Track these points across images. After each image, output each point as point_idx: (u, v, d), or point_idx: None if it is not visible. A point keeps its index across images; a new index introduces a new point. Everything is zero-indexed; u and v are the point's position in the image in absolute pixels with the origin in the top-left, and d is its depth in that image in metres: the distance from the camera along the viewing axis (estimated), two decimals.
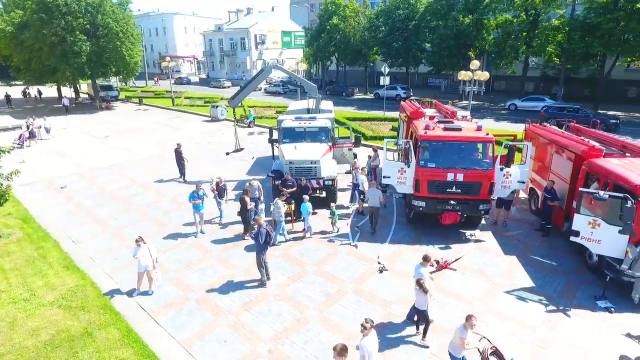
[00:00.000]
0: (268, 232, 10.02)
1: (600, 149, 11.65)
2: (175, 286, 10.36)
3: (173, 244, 12.54)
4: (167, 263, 11.38)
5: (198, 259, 11.70)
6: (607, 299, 9.36)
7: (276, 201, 12.56)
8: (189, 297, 9.92)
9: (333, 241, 12.54)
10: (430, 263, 8.79)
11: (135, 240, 9.69)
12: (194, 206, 12.84)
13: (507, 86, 45.39)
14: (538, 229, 12.91)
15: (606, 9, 31.22)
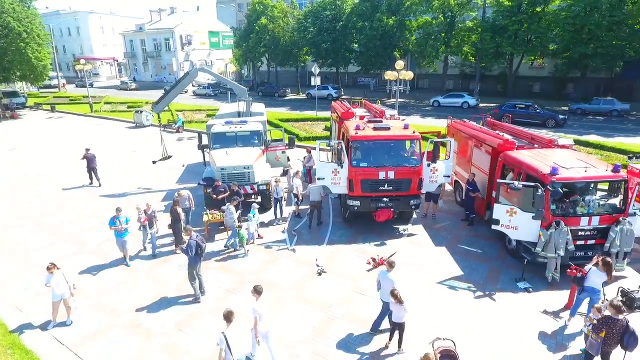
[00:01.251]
0: (198, 243, 9.52)
1: (513, 142, 12.61)
2: (99, 312, 9.48)
3: (95, 265, 11.49)
4: (88, 287, 10.39)
5: (124, 278, 10.83)
6: (526, 280, 10.18)
7: (228, 206, 12.10)
8: (116, 322, 9.12)
9: (271, 247, 12.31)
10: (392, 268, 8.25)
11: (47, 267, 8.67)
12: (116, 234, 11.09)
13: (430, 84, 48.04)
14: (463, 219, 13.73)
15: (511, 12, 34.33)
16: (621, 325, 6.71)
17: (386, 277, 8.12)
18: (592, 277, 8.39)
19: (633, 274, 10.53)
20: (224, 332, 6.53)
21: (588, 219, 10.13)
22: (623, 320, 6.74)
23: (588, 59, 31.90)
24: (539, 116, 28.26)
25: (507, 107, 29.89)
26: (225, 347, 6.42)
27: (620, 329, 6.72)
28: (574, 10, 31.72)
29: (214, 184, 13.37)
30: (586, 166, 10.54)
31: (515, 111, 28.79)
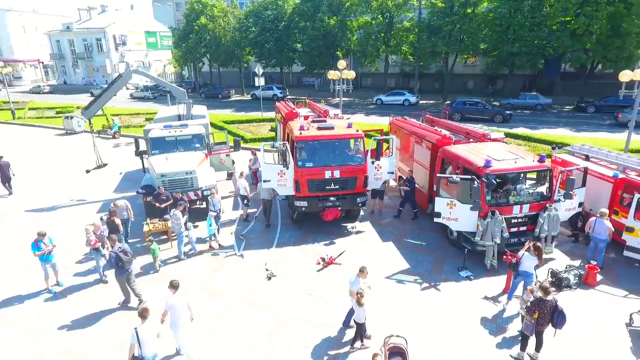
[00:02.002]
0: (119, 255, 9.05)
1: (450, 137, 13.21)
2: (22, 337, 8.63)
3: (12, 287, 10.45)
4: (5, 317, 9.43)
5: (50, 307, 9.95)
6: (467, 269, 10.70)
7: (174, 212, 11.56)
8: (47, 350, 8.35)
9: (218, 254, 11.92)
10: (365, 274, 8.30)
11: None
12: (41, 258, 9.96)
13: (372, 83, 49.25)
14: (396, 216, 14.05)
15: (445, 13, 36.01)
16: (551, 305, 7.24)
17: (352, 282, 8.23)
18: (525, 261, 8.97)
19: (560, 255, 11.42)
20: (136, 328, 6.67)
21: (519, 207, 10.83)
22: (552, 300, 7.27)
23: (514, 57, 34.26)
24: (488, 112, 30.07)
25: (458, 104, 31.38)
26: (136, 343, 6.59)
27: (551, 308, 7.24)
28: (499, 12, 33.92)
29: (157, 191, 12.71)
30: (516, 158, 11.29)
31: (465, 108, 30.47)
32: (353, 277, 8.35)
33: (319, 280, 10.52)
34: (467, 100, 31.97)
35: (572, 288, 9.90)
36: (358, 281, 8.23)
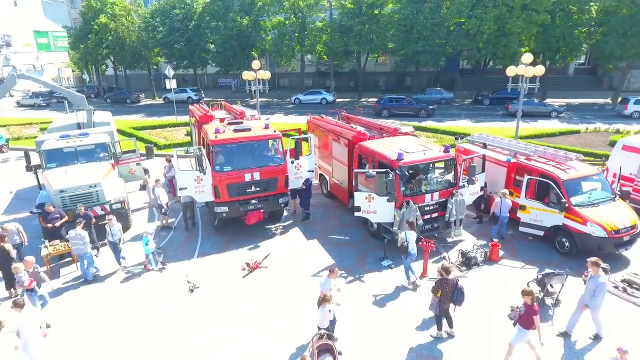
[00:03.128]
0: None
1: (365, 133, 13.69)
2: None
3: None
4: None
5: None
6: (388, 258, 11.19)
7: (76, 233, 10.31)
8: None
9: (132, 272, 11.03)
10: (335, 274, 8.20)
11: None
12: None
13: (290, 82, 49.50)
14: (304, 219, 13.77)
15: (354, 14, 37.35)
16: (452, 284, 7.90)
17: (322, 284, 8.07)
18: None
19: (468, 236, 12.45)
20: None
21: (431, 195, 11.60)
22: (453, 279, 7.92)
23: (419, 55, 36.69)
24: (413, 107, 31.88)
25: (385, 101, 32.88)
26: None
27: (452, 287, 7.89)
28: (403, 14, 36.11)
29: (45, 210, 11.36)
30: (424, 149, 12.05)
31: (392, 105, 32.06)
32: (323, 279, 8.17)
33: (246, 287, 10.25)
34: (394, 97, 33.77)
35: (480, 265, 10.85)
36: (329, 282, 8.06)
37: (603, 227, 10.52)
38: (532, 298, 7.21)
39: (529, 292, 7.25)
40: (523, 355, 7.63)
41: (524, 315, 7.22)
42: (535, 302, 7.32)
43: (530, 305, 7.18)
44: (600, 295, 7.86)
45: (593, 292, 7.86)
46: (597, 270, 7.86)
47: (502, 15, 32.10)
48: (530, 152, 12.93)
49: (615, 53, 30.92)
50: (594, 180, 11.78)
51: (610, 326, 8.39)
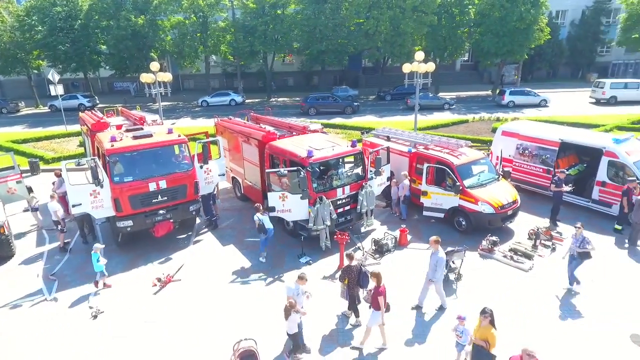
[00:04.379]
0: None
1: (274, 133, 13.65)
2: None
3: None
4: None
5: None
6: (306, 255, 11.33)
7: None
8: None
9: (21, 305, 9.65)
10: (304, 280, 7.91)
11: None
12: None
13: (195, 84, 47.50)
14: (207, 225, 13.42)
15: (257, 13, 37.05)
16: (356, 270, 8.34)
17: (290, 289, 7.85)
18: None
19: (379, 226, 13.12)
20: None
21: (342, 189, 11.98)
22: (357, 265, 8.40)
23: (324, 55, 37.75)
24: (339, 105, 32.73)
25: (311, 100, 33.25)
26: None
27: (357, 273, 8.32)
28: (306, 14, 36.81)
29: None
30: (333, 145, 12.41)
31: (318, 103, 32.69)
32: (292, 284, 7.91)
33: (157, 303, 9.59)
34: (320, 95, 34.41)
35: (391, 251, 11.52)
36: (298, 288, 7.83)
37: (491, 204, 11.85)
38: (379, 280, 7.67)
39: (376, 274, 7.74)
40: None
41: (374, 297, 7.65)
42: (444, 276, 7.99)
43: (377, 286, 7.64)
44: (440, 270, 8.59)
45: (435, 268, 8.57)
46: (437, 246, 8.59)
47: (396, 16, 34.39)
48: (428, 142, 14.05)
49: (491, 51, 35.08)
50: (482, 164, 13.22)
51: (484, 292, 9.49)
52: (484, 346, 6.51)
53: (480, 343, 6.55)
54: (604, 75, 43.52)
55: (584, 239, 9.21)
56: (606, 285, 9.72)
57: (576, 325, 8.48)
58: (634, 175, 12.18)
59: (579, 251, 9.24)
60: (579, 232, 9.30)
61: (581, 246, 9.18)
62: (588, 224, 12.55)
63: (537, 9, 33.72)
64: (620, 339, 8.07)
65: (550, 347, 7.85)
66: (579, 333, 8.25)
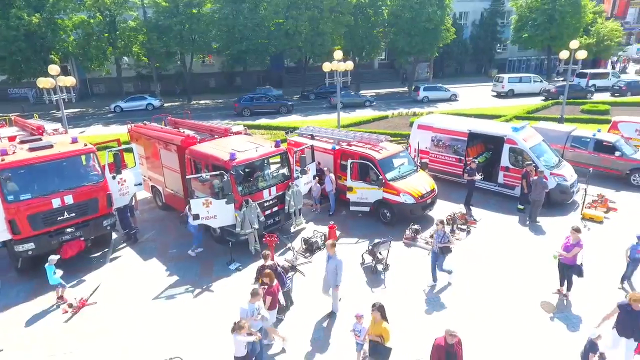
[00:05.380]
0: None
1: (194, 136, 13.04)
2: None
3: None
4: None
5: None
6: (235, 261, 10.98)
7: None
8: None
9: None
10: (258, 297, 7.20)
11: None
12: None
13: (107, 89, 43.91)
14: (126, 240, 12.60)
15: (171, 12, 35.19)
16: (272, 270, 8.20)
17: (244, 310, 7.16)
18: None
19: (310, 225, 13.16)
20: None
21: (268, 190, 11.82)
22: (272, 265, 8.29)
23: (244, 55, 37.02)
24: (274, 105, 32.22)
25: (245, 100, 32.34)
26: None
27: (273, 272, 8.13)
28: (223, 13, 35.80)
29: None
30: (256, 146, 12.17)
31: (252, 103, 31.99)
32: (245, 304, 7.16)
33: (69, 331, 8.65)
34: (254, 96, 33.50)
35: (321, 248, 11.61)
36: (252, 308, 7.09)
37: (412, 194, 12.46)
38: (270, 279, 7.57)
39: (267, 274, 7.65)
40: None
41: (264, 296, 7.49)
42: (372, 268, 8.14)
43: (269, 286, 7.59)
44: (340, 273, 8.35)
45: (335, 272, 8.27)
46: (333, 250, 8.42)
47: (315, 17, 34.82)
48: (350, 139, 14.41)
49: (405, 49, 37.03)
50: (401, 157, 13.86)
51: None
52: (379, 341, 6.56)
53: (375, 339, 6.60)
54: (502, 71, 48.14)
55: (444, 234, 9.39)
56: (513, 259, 10.71)
57: (490, 296, 9.22)
58: (531, 159, 13.59)
59: (440, 246, 9.42)
60: (439, 228, 9.43)
61: (442, 241, 9.39)
62: (496, 206, 13.85)
63: (442, 10, 36.24)
64: (529, 306, 8.93)
65: (469, 322, 8.44)
66: (493, 304, 8.98)
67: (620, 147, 15.28)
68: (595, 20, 45.16)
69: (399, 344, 7.90)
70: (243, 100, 32.67)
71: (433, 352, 6.31)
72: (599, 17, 45.93)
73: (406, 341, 7.97)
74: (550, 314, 8.71)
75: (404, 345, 7.85)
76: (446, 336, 6.15)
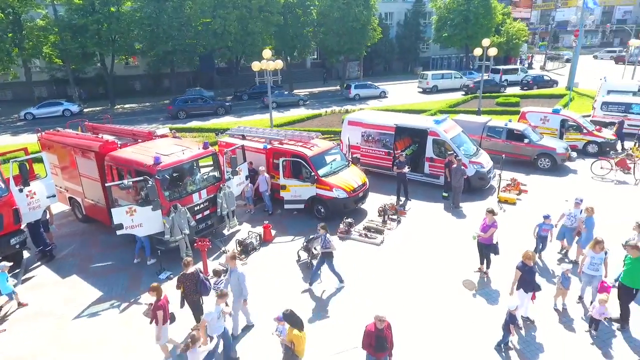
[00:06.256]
0: None
1: (114, 141, 12.23)
2: None
3: None
4: None
5: None
6: (165, 269, 10.48)
7: None
8: None
9: None
10: (224, 298, 7.28)
11: None
12: None
13: (15, 95, 39.71)
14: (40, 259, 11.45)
15: (86, 10, 32.67)
16: (194, 277, 7.89)
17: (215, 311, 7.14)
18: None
19: (245, 226, 12.93)
20: None
21: (198, 194, 11.42)
22: (194, 272, 7.91)
23: (171, 55, 35.46)
24: (210, 106, 31.26)
25: (179, 102, 30.95)
26: None
27: (194, 280, 7.90)
28: (145, 12, 33.97)
29: None
30: (183, 149, 11.70)
31: (188, 105, 30.81)
32: (212, 307, 7.15)
33: None
34: (189, 97, 32.21)
35: (257, 249, 11.47)
36: (219, 310, 7.14)
37: (344, 189, 12.73)
38: (158, 293, 7.18)
39: (155, 288, 7.19)
40: None
41: (153, 312, 7.19)
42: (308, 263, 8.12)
43: (156, 300, 7.18)
44: (244, 285, 7.94)
45: (239, 284, 7.88)
46: (234, 263, 8.01)
47: (243, 16, 34.29)
48: (282, 137, 14.38)
49: (335, 49, 37.80)
50: (333, 153, 14.09)
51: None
52: (290, 347, 6.51)
53: (287, 344, 6.54)
54: (427, 69, 50.91)
55: (326, 238, 9.21)
56: (438, 243, 11.37)
57: (418, 280, 9.70)
58: (452, 149, 14.51)
59: (323, 251, 9.31)
60: (322, 233, 9.26)
61: (324, 246, 9.25)
62: (424, 195, 14.61)
63: (368, 11, 37.50)
64: (454, 286, 9.52)
65: (398, 305, 8.82)
66: (421, 287, 9.45)
67: (529, 135, 16.85)
68: (505, 20, 49.39)
69: (337, 332, 8.07)
70: (178, 102, 31.31)
71: (364, 339, 6.50)
72: (507, 18, 50.29)
73: (344, 330, 8.15)
74: (472, 291, 9.36)
75: (342, 334, 8.02)
76: (376, 322, 6.36)
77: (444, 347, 7.76)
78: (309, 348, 7.65)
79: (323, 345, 7.89)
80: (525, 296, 7.99)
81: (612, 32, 78.97)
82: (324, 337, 8.09)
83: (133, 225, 10.29)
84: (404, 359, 7.45)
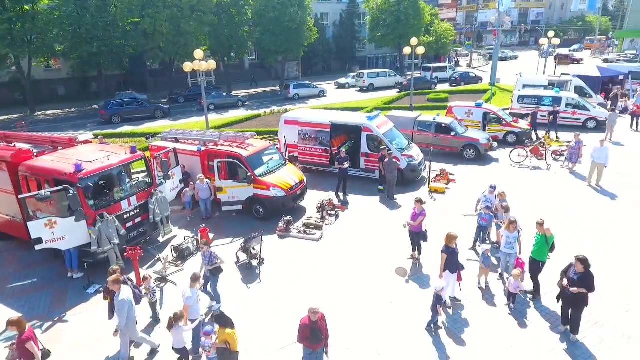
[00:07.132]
0: None
1: (29, 150, 11.30)
2: None
3: None
4: None
5: None
6: (94, 283, 9.89)
7: None
8: None
9: None
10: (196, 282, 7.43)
11: None
12: None
13: None
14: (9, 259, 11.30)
15: None
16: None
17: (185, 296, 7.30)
18: None
19: (180, 232, 12.52)
20: None
21: (127, 201, 10.89)
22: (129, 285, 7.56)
23: (97, 57, 33.32)
24: (148, 109, 29.77)
25: (113, 106, 29.16)
26: None
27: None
28: (65, 11, 31.63)
29: None
30: (108, 155, 11.10)
31: (123, 109, 29.05)
32: (187, 291, 7.32)
33: None
34: (123, 101, 30.31)
35: (194, 254, 11.16)
36: (195, 293, 7.36)
37: (281, 188, 12.79)
38: (21, 327, 6.40)
39: (13, 322, 6.42)
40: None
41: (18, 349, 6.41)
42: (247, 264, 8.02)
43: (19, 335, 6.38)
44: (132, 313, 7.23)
45: (123, 314, 7.06)
46: (118, 287, 7.14)
47: (175, 16, 33.12)
48: (217, 138, 14.12)
49: (272, 49, 37.69)
50: (269, 153, 14.09)
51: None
52: (225, 347, 6.46)
53: (221, 346, 6.46)
54: (363, 68, 52.36)
55: (211, 254, 8.66)
56: (374, 234, 11.80)
57: (354, 270, 10.01)
58: (385, 143, 15.09)
59: (209, 268, 8.65)
60: (205, 250, 8.65)
61: (210, 263, 8.62)
62: (361, 189, 15.06)
63: (303, 11, 37.82)
64: (388, 273, 9.93)
65: (334, 296, 9.05)
66: (356, 276, 9.76)
67: (455, 128, 17.97)
68: (433, 21, 52.11)
69: (277, 329, 8.12)
70: (111, 106, 29.52)
71: (299, 332, 6.59)
72: (435, 19, 53.11)
73: (284, 327, 8.20)
74: (405, 277, 9.82)
75: (282, 331, 8.08)
76: (309, 314, 6.48)
77: (378, 332, 8.08)
78: (250, 346, 7.67)
79: (264, 342, 7.90)
80: (451, 277, 8.55)
81: (527, 32, 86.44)
82: (264, 334, 8.10)
83: (54, 239, 9.62)
84: (341, 348, 7.66)
